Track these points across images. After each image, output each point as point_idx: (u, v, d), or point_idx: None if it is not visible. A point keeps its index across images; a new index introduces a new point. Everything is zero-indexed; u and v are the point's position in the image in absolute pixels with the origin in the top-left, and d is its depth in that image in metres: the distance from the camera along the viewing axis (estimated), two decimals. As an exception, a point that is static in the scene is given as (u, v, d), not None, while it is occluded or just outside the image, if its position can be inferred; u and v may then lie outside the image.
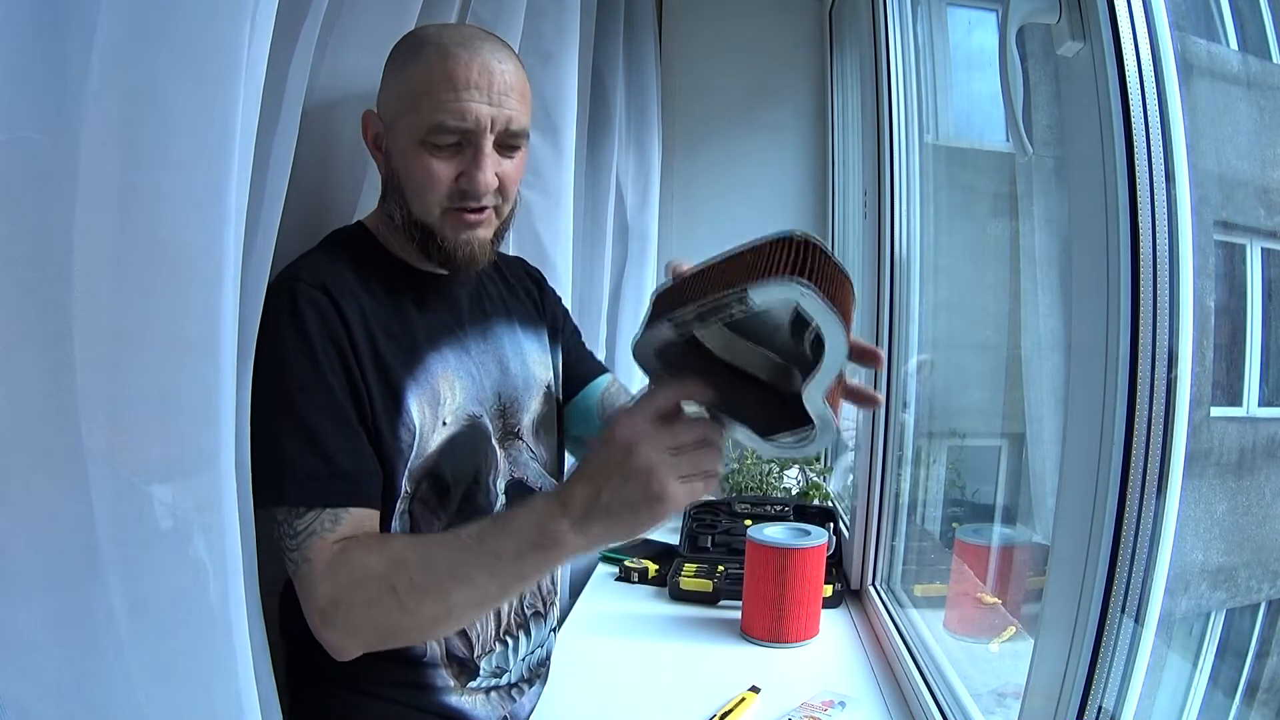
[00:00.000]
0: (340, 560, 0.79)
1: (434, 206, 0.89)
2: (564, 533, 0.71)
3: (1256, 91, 0.79)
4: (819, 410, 0.66)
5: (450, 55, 0.86)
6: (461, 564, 0.76)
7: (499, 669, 0.98)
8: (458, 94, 0.85)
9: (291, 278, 0.85)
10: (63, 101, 0.47)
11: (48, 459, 0.48)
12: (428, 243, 0.91)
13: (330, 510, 0.81)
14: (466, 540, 0.76)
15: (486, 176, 0.88)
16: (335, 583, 0.78)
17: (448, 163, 0.88)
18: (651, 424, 0.69)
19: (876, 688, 1.18)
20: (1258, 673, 0.77)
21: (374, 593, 0.78)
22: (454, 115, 0.85)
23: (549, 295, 1.18)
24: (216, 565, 0.56)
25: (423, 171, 0.87)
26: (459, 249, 0.91)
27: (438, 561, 0.77)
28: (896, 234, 1.45)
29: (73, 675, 0.49)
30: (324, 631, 0.79)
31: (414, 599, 0.77)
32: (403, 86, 0.88)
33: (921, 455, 1.54)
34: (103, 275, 0.49)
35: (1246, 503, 0.77)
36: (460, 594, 0.76)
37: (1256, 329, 0.76)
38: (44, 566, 0.48)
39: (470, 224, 0.91)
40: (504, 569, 0.75)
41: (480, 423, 0.96)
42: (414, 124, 0.87)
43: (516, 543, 0.74)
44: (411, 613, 0.78)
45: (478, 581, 0.76)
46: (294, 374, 0.82)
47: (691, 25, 2.18)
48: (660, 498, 0.68)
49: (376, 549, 0.80)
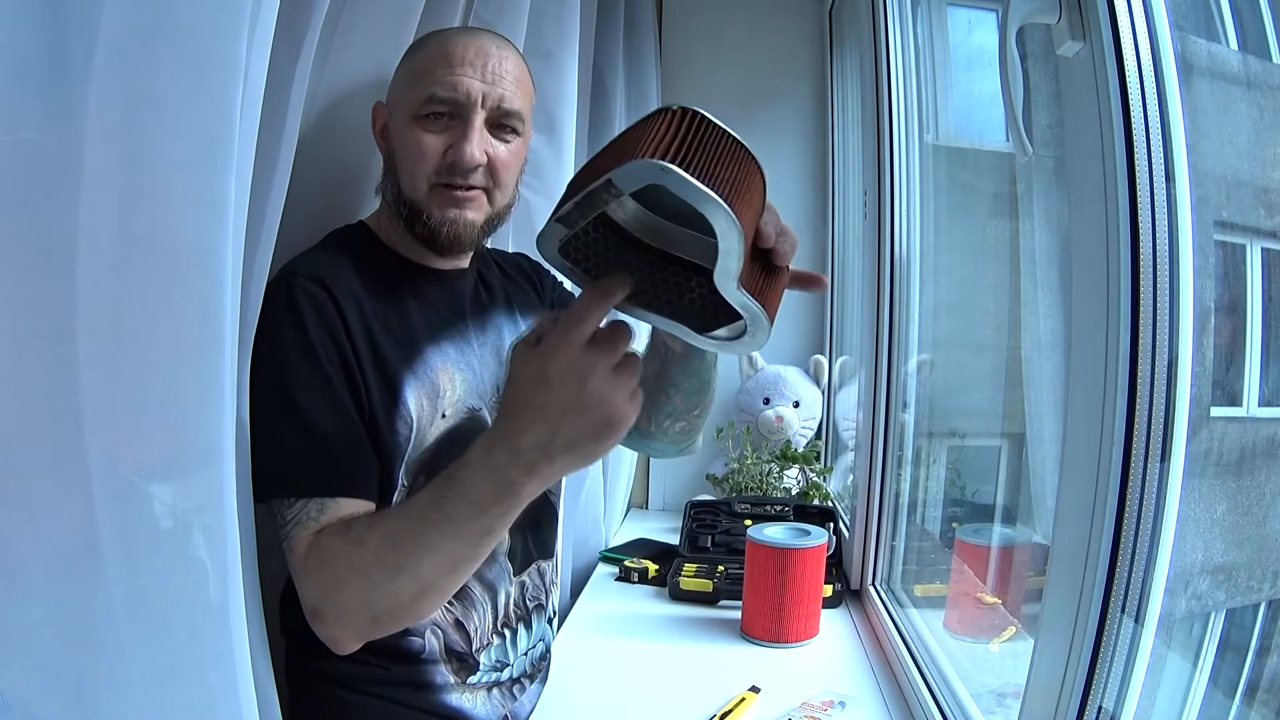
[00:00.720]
0: (314, 550, 0.79)
1: (421, 181, 0.90)
2: (520, 482, 0.70)
3: (1256, 91, 0.79)
4: (735, 298, 0.61)
5: (450, 39, 0.91)
6: (423, 534, 0.74)
7: (499, 663, 0.98)
8: (451, 69, 0.89)
9: (289, 273, 0.86)
10: (65, 102, 0.47)
11: (49, 458, 0.48)
12: (414, 220, 0.92)
13: (318, 500, 0.80)
14: (423, 508, 0.74)
15: (473, 148, 0.89)
16: (309, 569, 0.78)
17: (438, 136, 0.89)
18: (590, 349, 0.66)
19: (876, 688, 1.18)
20: (1258, 672, 0.77)
21: (346, 578, 0.77)
22: (445, 87, 0.88)
23: (548, 279, 1.18)
24: (216, 564, 0.57)
25: (413, 143, 0.90)
26: (444, 226, 0.91)
27: (399, 537, 0.75)
28: (896, 234, 1.46)
29: (73, 674, 0.49)
30: (318, 626, 0.79)
31: (386, 577, 0.75)
32: (405, 72, 0.93)
33: (921, 455, 1.54)
34: (104, 275, 0.49)
35: (1246, 503, 0.77)
36: (430, 563, 0.75)
37: (1256, 329, 0.76)
38: (45, 564, 0.48)
39: (457, 201, 0.91)
40: (467, 529, 0.73)
41: (480, 416, 0.96)
42: (409, 100, 0.90)
43: (473, 502, 0.71)
44: (389, 592, 0.76)
45: (444, 548, 0.74)
46: (290, 367, 0.82)
47: (691, 25, 2.18)
48: (619, 421, 0.67)
49: (341, 534, 0.79)
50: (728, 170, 0.58)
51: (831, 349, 2.19)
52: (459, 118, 0.89)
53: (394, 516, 0.80)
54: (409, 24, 1.02)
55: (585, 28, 1.58)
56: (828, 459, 2.14)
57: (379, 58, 0.99)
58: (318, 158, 0.97)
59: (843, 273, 2.11)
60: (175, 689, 0.54)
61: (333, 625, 0.79)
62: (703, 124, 0.58)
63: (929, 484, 1.56)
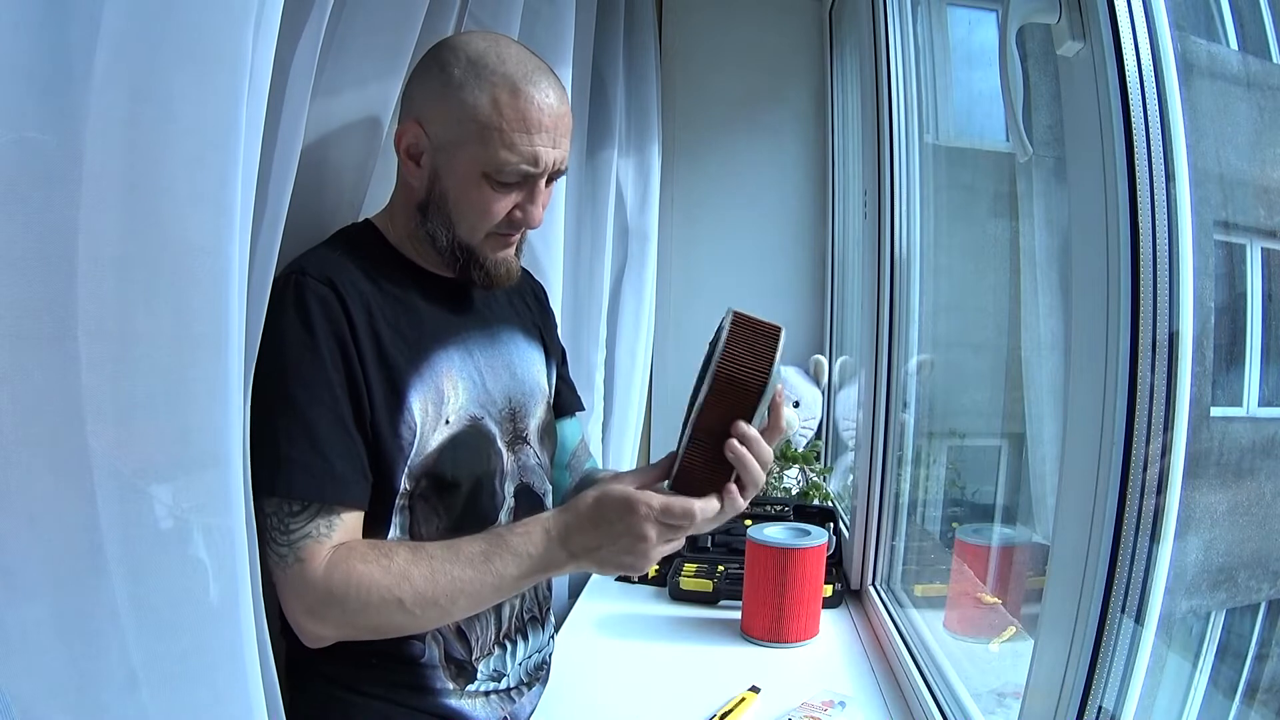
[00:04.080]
0: (338, 568, 0.81)
1: (481, 233, 0.93)
2: (561, 564, 0.86)
3: (1256, 91, 0.79)
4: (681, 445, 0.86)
5: (521, 94, 0.87)
6: (467, 581, 0.84)
7: (496, 672, 0.98)
8: (530, 137, 0.88)
9: (297, 270, 0.86)
10: (67, 101, 0.47)
11: (53, 458, 0.48)
12: (470, 263, 0.94)
13: (325, 512, 0.82)
14: (472, 557, 0.85)
15: (540, 212, 0.94)
16: (332, 588, 0.81)
17: (506, 197, 0.91)
18: (665, 525, 0.84)
19: (876, 688, 1.18)
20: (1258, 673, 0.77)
21: (377, 601, 0.82)
22: (527, 160, 0.88)
23: (550, 319, 1.21)
24: (218, 565, 0.56)
25: (482, 203, 0.91)
26: (499, 267, 0.96)
27: (442, 578, 0.84)
28: (896, 234, 1.46)
29: (76, 674, 0.49)
30: (308, 623, 0.82)
31: (419, 608, 0.83)
32: (465, 112, 0.87)
33: (921, 455, 1.54)
34: (107, 274, 0.49)
35: (1246, 503, 0.77)
36: (462, 605, 0.85)
37: (1256, 329, 0.76)
38: (47, 565, 0.48)
39: (509, 245, 0.96)
40: (505, 587, 0.86)
41: (483, 425, 0.96)
42: (479, 155, 0.88)
43: (519, 567, 0.85)
44: (416, 619, 0.84)
45: (481, 596, 0.86)
46: (296, 367, 0.82)
47: (691, 25, 2.18)
48: (644, 564, 0.86)
49: (376, 560, 0.83)
50: None
51: (831, 349, 2.19)
52: (528, 182, 0.91)
53: (440, 559, 0.85)
54: (411, 24, 1.02)
55: (584, 28, 1.58)
56: (828, 459, 2.14)
57: (383, 56, 0.99)
58: (321, 157, 0.97)
59: (843, 273, 2.11)
60: (182, 690, 0.54)
61: (333, 629, 0.84)
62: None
63: (929, 484, 1.56)
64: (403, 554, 0.84)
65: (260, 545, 0.80)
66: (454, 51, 0.89)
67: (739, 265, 2.18)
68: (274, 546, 0.81)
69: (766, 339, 0.82)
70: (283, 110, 0.73)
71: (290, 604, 0.82)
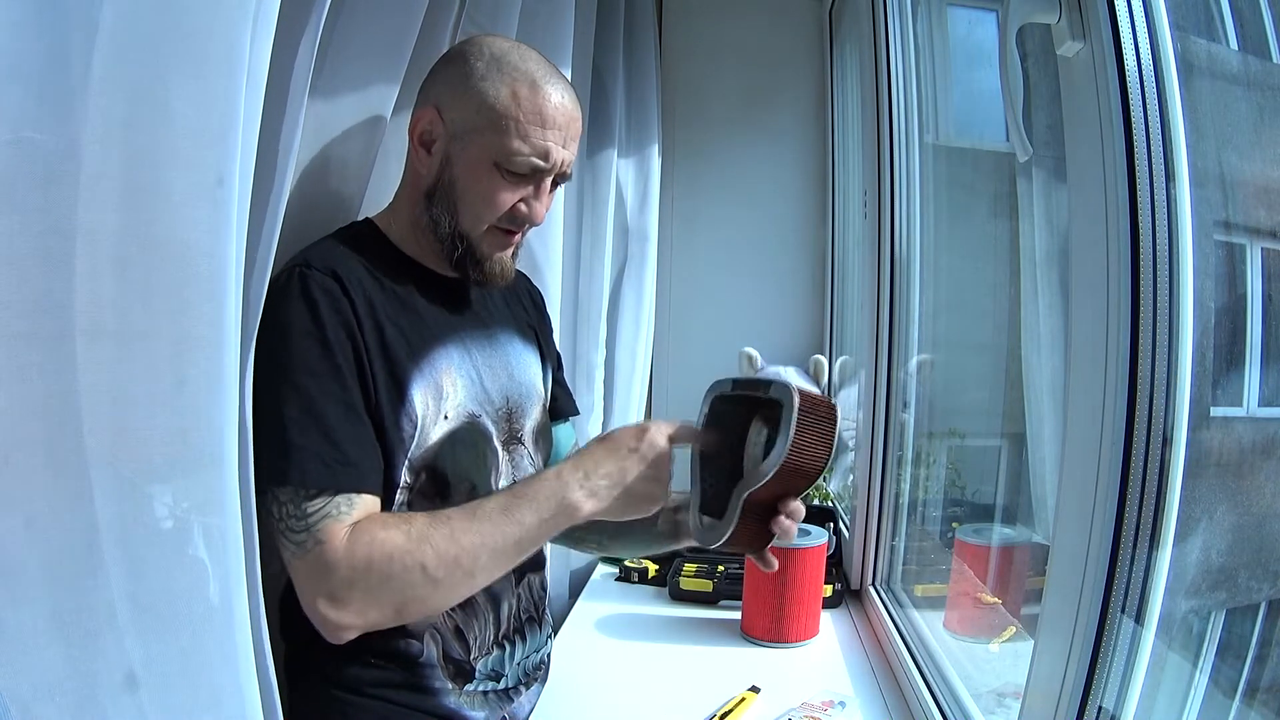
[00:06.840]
0: (360, 538, 0.80)
1: (483, 224, 0.93)
2: (579, 504, 0.87)
3: (1256, 91, 0.79)
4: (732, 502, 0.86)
5: (540, 90, 0.90)
6: (488, 534, 0.84)
7: (495, 672, 0.98)
8: (544, 131, 0.90)
9: (301, 263, 0.86)
10: (65, 101, 0.47)
11: (51, 458, 0.48)
12: (467, 255, 0.95)
13: (344, 495, 0.82)
14: (490, 513, 0.85)
15: (543, 210, 0.95)
16: (353, 563, 0.80)
17: (513, 189, 0.92)
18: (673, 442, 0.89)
19: (876, 688, 1.18)
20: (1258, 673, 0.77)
21: (399, 570, 0.81)
22: (538, 152, 0.90)
23: (546, 323, 1.22)
24: (217, 565, 0.56)
25: (489, 191, 0.91)
26: (494, 265, 0.97)
27: (463, 536, 0.83)
28: (896, 234, 1.46)
29: (74, 674, 0.49)
30: (330, 611, 0.80)
31: (442, 570, 0.82)
32: (483, 101, 0.89)
33: (921, 455, 1.54)
34: (106, 274, 0.49)
35: (1246, 503, 0.77)
36: (485, 562, 0.85)
37: (1256, 329, 0.76)
38: (45, 565, 0.48)
39: (508, 244, 0.97)
40: (527, 538, 0.86)
41: (480, 423, 0.96)
42: (493, 143, 0.90)
43: (538, 512, 0.86)
44: (438, 586, 0.83)
45: (504, 550, 0.85)
46: (303, 357, 0.82)
47: (691, 25, 2.18)
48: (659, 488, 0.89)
49: (397, 526, 0.82)
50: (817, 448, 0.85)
51: (831, 349, 2.19)
52: (536, 178, 0.93)
53: (459, 518, 0.85)
54: (412, 24, 1.02)
55: (584, 28, 1.58)
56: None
57: (383, 56, 0.99)
58: (321, 156, 0.97)
59: (843, 273, 2.11)
60: (180, 690, 0.54)
61: (355, 614, 0.81)
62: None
63: (929, 484, 1.56)
64: (421, 519, 0.84)
65: (274, 539, 0.80)
66: (478, 48, 0.92)
67: (739, 265, 2.18)
68: (290, 535, 0.80)
69: (828, 422, 0.85)
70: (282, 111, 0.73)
71: (310, 593, 0.80)
